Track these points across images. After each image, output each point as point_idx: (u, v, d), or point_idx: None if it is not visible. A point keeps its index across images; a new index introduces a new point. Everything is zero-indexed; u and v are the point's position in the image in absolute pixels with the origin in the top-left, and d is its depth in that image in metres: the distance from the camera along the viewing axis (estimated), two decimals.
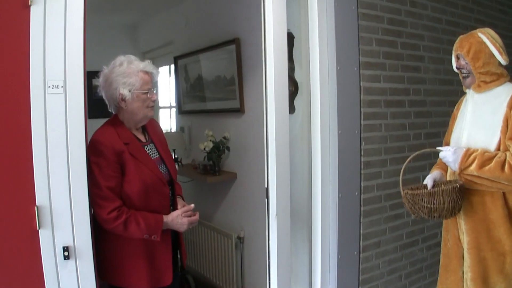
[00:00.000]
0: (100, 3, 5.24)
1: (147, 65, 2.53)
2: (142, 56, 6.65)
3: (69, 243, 2.21)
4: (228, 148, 4.31)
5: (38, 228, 2.15)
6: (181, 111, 5.36)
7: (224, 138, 4.28)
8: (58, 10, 2.16)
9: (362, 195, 3.33)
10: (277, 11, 2.93)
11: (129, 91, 2.44)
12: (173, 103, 5.89)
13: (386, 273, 3.55)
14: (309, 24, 3.18)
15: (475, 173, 2.44)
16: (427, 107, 3.74)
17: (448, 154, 2.55)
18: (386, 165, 3.41)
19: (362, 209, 3.33)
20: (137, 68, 2.47)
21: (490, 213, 2.49)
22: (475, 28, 2.60)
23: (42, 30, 2.12)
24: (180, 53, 5.16)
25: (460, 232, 2.64)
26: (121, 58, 2.52)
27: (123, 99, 2.46)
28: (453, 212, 2.48)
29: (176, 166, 4.98)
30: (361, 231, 3.35)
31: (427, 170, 3.43)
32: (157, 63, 6.58)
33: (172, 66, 5.47)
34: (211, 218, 4.75)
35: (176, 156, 5.12)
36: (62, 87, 2.17)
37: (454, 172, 2.59)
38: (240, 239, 4.21)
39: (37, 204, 2.14)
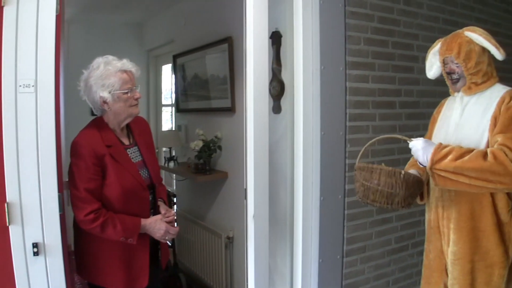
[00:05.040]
0: (105, 2, 5.48)
1: (125, 63, 2.60)
2: (147, 54, 6.89)
3: (38, 239, 2.34)
4: (220, 148, 4.45)
5: (8, 224, 2.27)
6: (179, 110, 5.53)
7: (216, 137, 4.42)
8: (30, 10, 2.28)
9: (346, 198, 3.40)
10: (258, 9, 3.02)
11: (109, 92, 2.52)
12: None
13: (372, 279, 3.63)
14: (294, 22, 3.27)
15: (450, 167, 2.35)
16: (420, 109, 3.80)
17: (417, 143, 2.48)
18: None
19: (346, 212, 3.40)
20: (114, 69, 2.54)
21: (480, 221, 2.48)
22: None
23: (14, 30, 2.25)
24: (179, 51, 5.34)
25: (444, 243, 2.65)
26: (98, 60, 2.59)
27: (105, 102, 2.55)
28: (390, 200, 2.41)
29: (172, 164, 5.15)
30: (345, 235, 3.42)
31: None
32: (161, 61, 6.82)
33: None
34: (203, 217, 4.93)
35: (173, 155, 5.29)
36: (33, 86, 2.29)
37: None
38: (230, 239, 4.35)
39: (7, 200, 2.26)
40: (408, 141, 2.52)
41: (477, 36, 2.51)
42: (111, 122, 2.66)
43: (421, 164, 2.53)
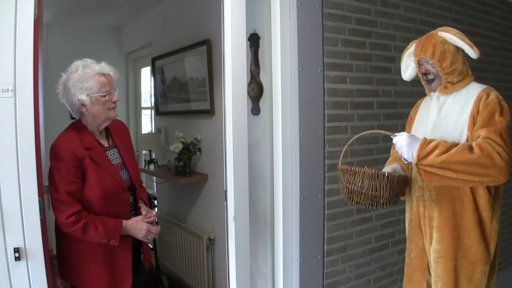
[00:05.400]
0: (84, 5, 5.48)
1: (103, 67, 2.64)
2: (126, 57, 6.93)
3: (20, 244, 2.35)
4: (199, 150, 4.50)
5: None
6: (158, 112, 5.57)
7: (195, 139, 4.47)
8: (8, 15, 2.30)
9: (326, 198, 3.44)
10: (236, 12, 3.09)
11: (88, 95, 2.56)
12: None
13: (353, 278, 3.68)
14: (271, 24, 3.32)
15: (437, 162, 2.34)
16: (398, 109, 3.86)
17: (402, 138, 2.46)
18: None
19: (326, 212, 3.45)
20: (93, 72, 2.58)
21: (461, 219, 2.53)
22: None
23: None
24: (158, 54, 5.38)
25: (426, 242, 2.70)
26: (76, 63, 2.62)
27: (83, 105, 2.58)
28: (374, 202, 2.42)
29: (153, 167, 5.19)
30: (325, 235, 3.46)
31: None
32: (140, 64, 6.86)
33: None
34: (184, 219, 4.97)
35: (153, 157, 5.33)
36: (12, 91, 2.31)
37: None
38: (211, 241, 4.40)
39: None
40: (391, 137, 2.52)
41: (451, 36, 2.57)
42: (90, 125, 2.69)
43: (405, 160, 2.54)
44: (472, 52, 2.54)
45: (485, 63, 4.67)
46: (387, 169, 2.67)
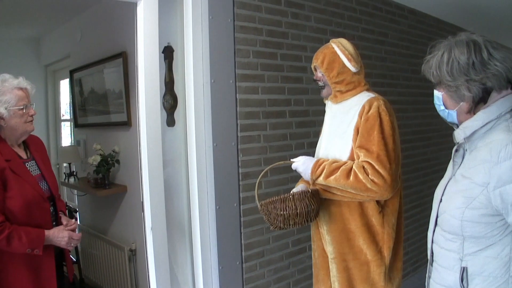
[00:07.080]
0: (1, 16, 5.41)
1: (21, 81, 2.76)
2: (44, 69, 6.88)
3: None
4: (118, 162, 4.55)
5: None
6: (77, 125, 5.58)
7: (114, 151, 4.52)
8: None
9: (241, 206, 3.55)
10: (149, 25, 3.19)
11: (6, 108, 2.66)
12: None
13: (273, 282, 3.80)
14: (184, 37, 3.42)
15: (324, 184, 2.65)
16: (310, 117, 4.02)
17: (298, 165, 2.78)
18: (266, 175, 3.59)
19: (242, 219, 3.56)
20: (11, 86, 2.70)
21: (349, 223, 2.70)
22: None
23: None
24: (76, 66, 5.40)
25: (324, 242, 2.85)
26: None
27: (1, 117, 2.67)
28: (308, 217, 2.57)
29: (73, 180, 5.20)
30: (243, 241, 3.57)
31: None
32: (59, 76, 6.82)
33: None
34: (106, 231, 4.99)
35: (73, 170, 5.34)
36: None
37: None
38: (133, 252, 4.44)
39: None
40: (291, 164, 2.83)
41: (336, 48, 2.75)
42: (8, 138, 2.77)
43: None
44: (350, 66, 2.72)
45: (395, 71, 4.93)
46: (295, 190, 2.81)
